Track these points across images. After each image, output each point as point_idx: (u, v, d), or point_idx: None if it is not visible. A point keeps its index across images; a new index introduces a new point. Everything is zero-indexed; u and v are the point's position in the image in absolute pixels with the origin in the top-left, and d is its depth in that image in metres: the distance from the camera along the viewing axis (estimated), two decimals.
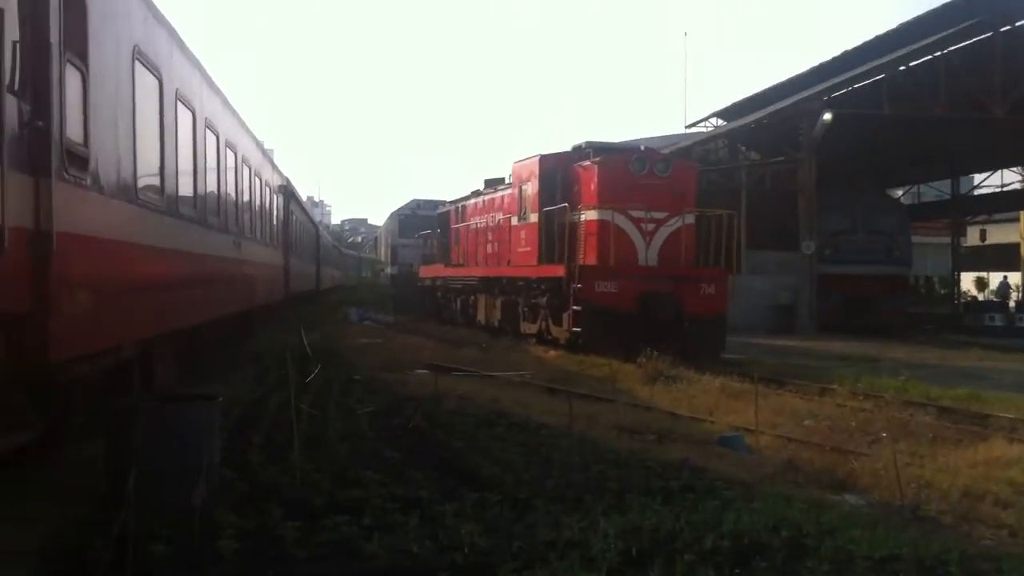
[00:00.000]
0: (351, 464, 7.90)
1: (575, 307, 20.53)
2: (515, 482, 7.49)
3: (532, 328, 23.63)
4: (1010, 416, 13.21)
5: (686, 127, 48.62)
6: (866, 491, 8.55)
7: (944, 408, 14.15)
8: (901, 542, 6.13)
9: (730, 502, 7.04)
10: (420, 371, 16.34)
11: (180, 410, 6.65)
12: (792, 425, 12.22)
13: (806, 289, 33.66)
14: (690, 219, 21.41)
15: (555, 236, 21.67)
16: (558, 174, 22.66)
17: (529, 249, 23.40)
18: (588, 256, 20.84)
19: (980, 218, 53.91)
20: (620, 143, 25.95)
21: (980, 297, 53.19)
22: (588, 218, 21.08)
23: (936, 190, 50.70)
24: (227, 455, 7.49)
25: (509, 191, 25.64)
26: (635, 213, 20.75)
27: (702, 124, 48.62)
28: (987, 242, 55.24)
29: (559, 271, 21.17)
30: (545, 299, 22.55)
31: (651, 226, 20.89)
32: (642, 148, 23.64)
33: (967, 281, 55.48)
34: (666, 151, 38.99)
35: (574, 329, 20.67)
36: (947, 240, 51.42)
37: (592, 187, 21.24)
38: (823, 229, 34.74)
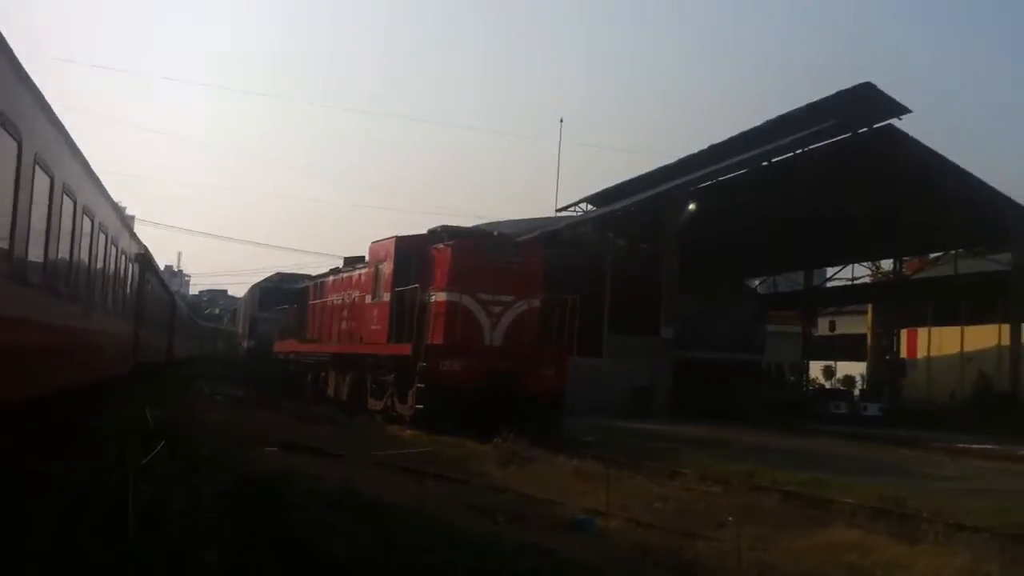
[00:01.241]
0: (191, 547, 7.61)
1: (419, 385, 20.93)
2: (363, 567, 7.34)
3: (378, 405, 23.96)
4: (850, 501, 13.60)
5: (557, 210, 49.53)
6: (712, 574, 8.66)
7: (789, 492, 14.50)
8: None
9: None
10: (270, 449, 15.93)
11: (9, 486, 6.32)
12: (642, 508, 12.32)
13: (663, 373, 34.36)
14: (535, 302, 22.09)
15: (405, 315, 22.08)
16: (413, 255, 23.21)
17: (380, 327, 23.96)
18: (435, 336, 21.36)
19: (830, 309, 56.38)
20: (474, 227, 26.82)
21: (827, 385, 55.30)
22: (438, 299, 21.67)
23: (791, 281, 52.87)
24: (61, 536, 7.14)
25: (365, 270, 26.07)
26: (483, 296, 21.45)
27: (573, 208, 49.63)
28: (836, 332, 57.70)
29: (406, 350, 21.64)
30: (392, 376, 23.02)
31: (498, 308, 21.62)
32: (495, 233, 24.87)
33: (815, 369, 57.71)
34: (535, 233, 39.76)
35: (417, 406, 21.00)
36: (799, 329, 53.52)
37: (444, 269, 21.85)
38: (683, 315, 35.67)
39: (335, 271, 30.72)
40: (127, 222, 23.53)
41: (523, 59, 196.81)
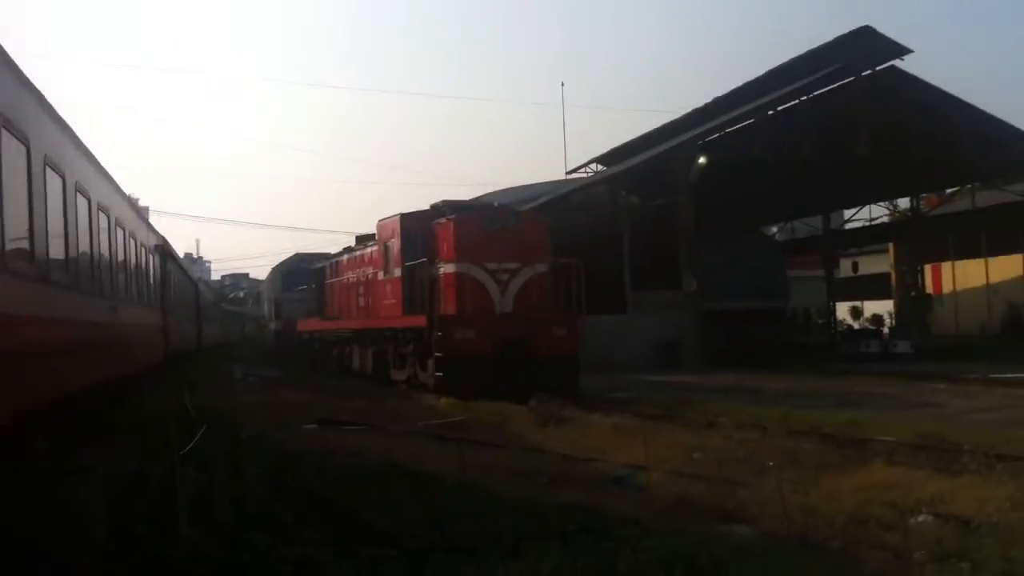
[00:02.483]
0: (241, 528, 7.69)
1: (437, 354, 21.78)
2: (410, 535, 7.41)
3: (401, 375, 24.98)
4: (889, 439, 13.62)
5: (567, 173, 49.36)
6: (755, 521, 8.68)
7: (826, 435, 14.52)
8: (791, 570, 6.24)
9: (624, 541, 7.09)
10: (309, 426, 16.07)
11: (57, 483, 6.41)
12: (682, 459, 12.36)
13: (690, 325, 34.36)
14: (542, 268, 22.92)
15: (417, 288, 23.06)
16: (418, 231, 24.06)
17: (394, 301, 24.97)
18: (448, 306, 22.20)
19: (852, 251, 56.06)
20: (474, 200, 27.98)
21: (855, 325, 55.01)
22: (446, 271, 22.49)
23: (809, 226, 52.56)
24: (112, 526, 7.23)
25: (375, 247, 26.96)
26: (489, 264, 22.33)
27: (583, 170, 49.44)
28: (860, 273, 57.43)
29: (421, 321, 22.56)
30: (411, 347, 23.96)
31: (505, 275, 22.45)
32: (495, 204, 25.73)
33: (843, 310, 57.43)
34: (546, 197, 39.76)
35: (437, 374, 21.87)
36: (821, 273, 53.28)
37: (449, 242, 22.74)
38: (704, 267, 35.62)
39: (348, 250, 31.54)
40: (143, 215, 23.66)
41: (521, 25, 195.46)
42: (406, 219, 24.69)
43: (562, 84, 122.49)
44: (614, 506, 9.02)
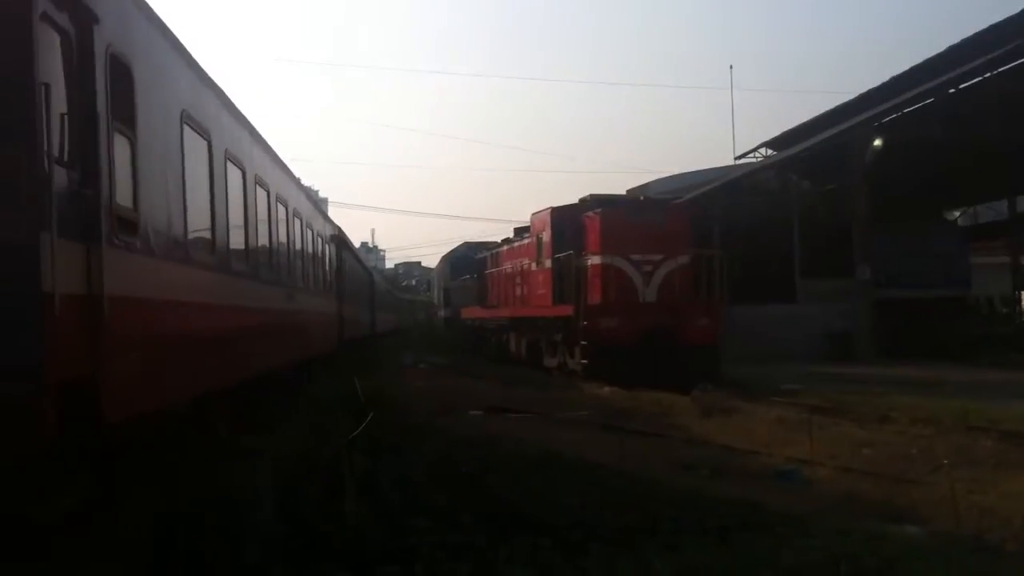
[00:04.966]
0: (404, 512, 7.93)
1: (583, 342, 22.77)
2: (568, 525, 7.47)
3: (553, 362, 26.08)
4: None
5: (735, 158, 48.41)
6: (926, 521, 8.38)
7: (1006, 432, 13.81)
8: (964, 573, 6.02)
9: (786, 538, 6.97)
10: (475, 413, 16.37)
11: (229, 467, 6.74)
12: (850, 455, 12.04)
13: (864, 315, 33.20)
14: (684, 260, 23.72)
15: (565, 279, 24.14)
16: (568, 224, 25.13)
17: (545, 291, 26.30)
18: (593, 296, 23.10)
19: None
20: (622, 195, 28.82)
21: None
22: (593, 262, 23.44)
23: (993, 210, 49.91)
24: (281, 508, 7.57)
25: (530, 239, 28.31)
26: (634, 256, 23.18)
27: (751, 155, 48.36)
28: None
29: (568, 311, 23.65)
30: (560, 336, 25.15)
31: (649, 267, 23.33)
32: (642, 198, 27.14)
33: None
34: (716, 183, 39.11)
35: (583, 361, 22.89)
36: (1007, 260, 50.53)
37: (596, 235, 23.69)
38: (879, 254, 34.36)
39: (507, 241, 32.99)
40: (320, 206, 24.53)
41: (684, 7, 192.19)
42: (556, 212, 25.82)
43: (730, 67, 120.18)
44: (777, 501, 8.87)
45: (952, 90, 33.20)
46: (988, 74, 32.85)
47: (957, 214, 51.59)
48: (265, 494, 6.77)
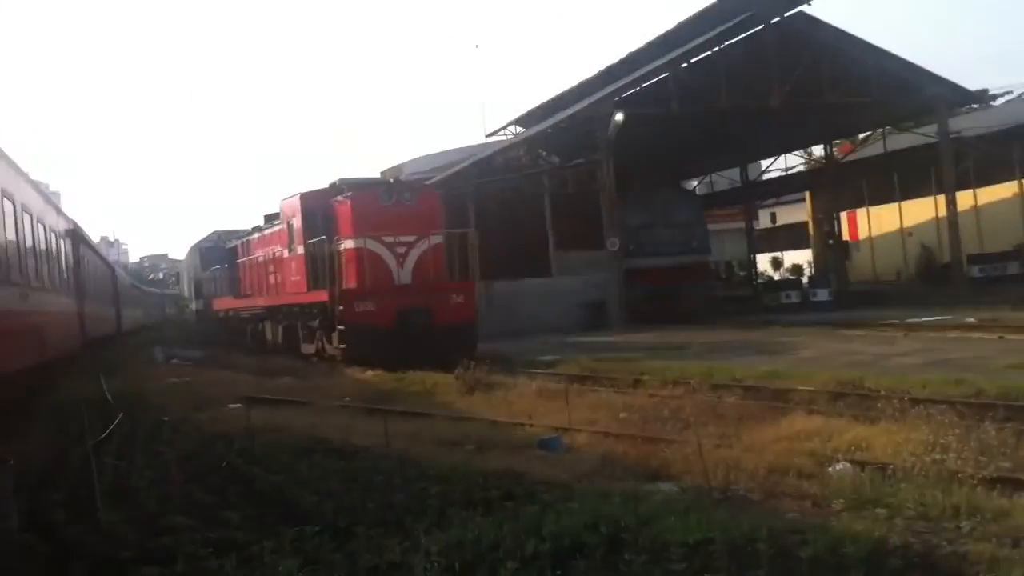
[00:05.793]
0: (161, 512, 7.59)
1: (340, 326, 22.72)
2: (335, 510, 7.36)
3: (311, 348, 25.93)
4: (809, 389, 13.89)
5: (486, 136, 49.17)
6: (679, 477, 8.78)
7: (748, 387, 14.76)
8: (713, 525, 6.32)
9: (550, 504, 7.13)
10: (234, 406, 15.82)
11: None
12: (608, 420, 12.47)
13: (614, 285, 34.53)
14: (437, 240, 23.75)
15: (319, 265, 23.95)
16: (318, 209, 24.87)
17: (299, 278, 25.93)
18: (348, 280, 23.04)
19: (770, 201, 56.79)
20: (370, 178, 28.13)
21: (776, 276, 55.89)
22: (346, 247, 23.25)
23: (727, 178, 53.04)
24: (29, 517, 7.09)
25: (280, 226, 27.79)
26: (387, 238, 23.07)
27: (501, 132, 49.25)
28: (778, 223, 58.24)
29: (324, 296, 23.53)
30: (317, 322, 24.98)
31: (402, 248, 23.27)
32: (391, 180, 26.73)
33: (763, 262, 58.30)
34: (467, 162, 39.58)
35: (341, 345, 22.88)
36: (742, 225, 53.92)
37: (347, 219, 23.60)
38: (625, 225, 35.79)
39: (257, 228, 32.10)
40: (52, 201, 23.03)
41: None
42: (305, 198, 25.57)
43: (476, 46, 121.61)
44: (540, 470, 9.06)
45: (684, 64, 34.98)
46: (716, 48, 34.86)
47: (695, 183, 54.48)
48: (6, 504, 6.28)
